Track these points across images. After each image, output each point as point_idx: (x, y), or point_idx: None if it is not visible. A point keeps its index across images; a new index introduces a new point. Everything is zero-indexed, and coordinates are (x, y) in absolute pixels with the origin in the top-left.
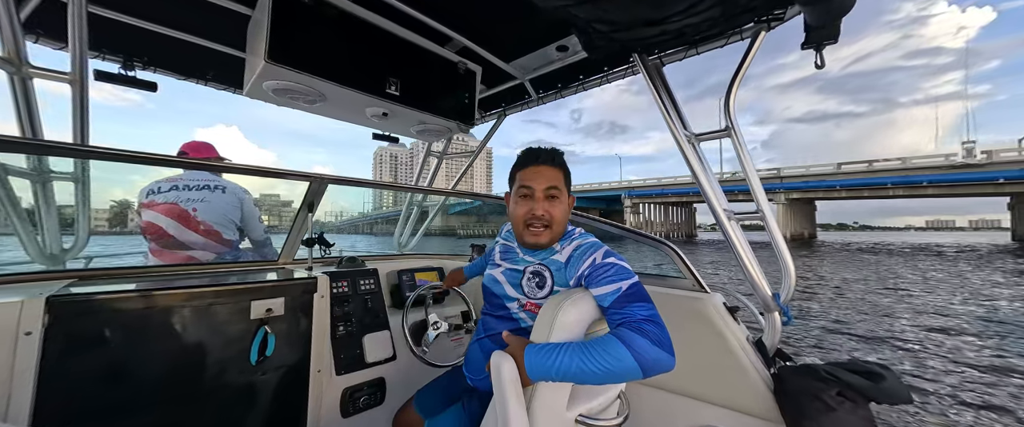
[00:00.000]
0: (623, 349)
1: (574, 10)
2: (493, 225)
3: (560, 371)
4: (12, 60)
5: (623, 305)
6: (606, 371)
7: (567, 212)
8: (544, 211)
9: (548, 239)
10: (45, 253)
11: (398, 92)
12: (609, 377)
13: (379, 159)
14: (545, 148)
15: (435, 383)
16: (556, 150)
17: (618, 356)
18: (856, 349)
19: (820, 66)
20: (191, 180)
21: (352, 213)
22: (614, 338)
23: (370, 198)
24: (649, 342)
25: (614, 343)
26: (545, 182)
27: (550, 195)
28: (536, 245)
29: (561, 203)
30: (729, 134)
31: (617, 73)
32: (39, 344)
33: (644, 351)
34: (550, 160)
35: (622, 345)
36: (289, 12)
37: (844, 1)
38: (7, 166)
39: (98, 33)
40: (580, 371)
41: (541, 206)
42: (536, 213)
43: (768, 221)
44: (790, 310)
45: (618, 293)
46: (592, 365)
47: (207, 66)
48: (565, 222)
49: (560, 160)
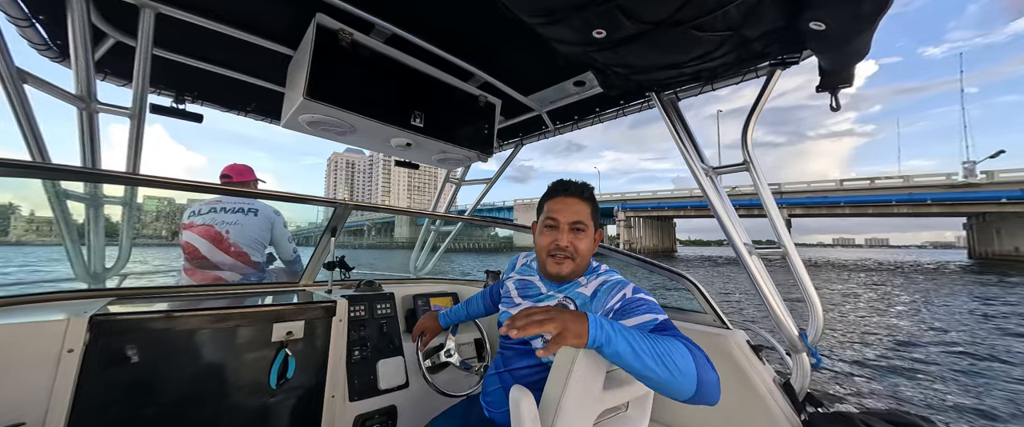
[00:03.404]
0: (687, 353)
1: (594, 55)
2: (474, 239)
3: (624, 342)
4: (83, 97)
5: (664, 331)
6: (669, 365)
7: (592, 246)
8: (568, 243)
9: (570, 270)
10: (90, 271)
11: (422, 124)
12: (668, 373)
13: (334, 166)
14: (575, 181)
15: (452, 411)
16: (586, 184)
17: (681, 355)
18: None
19: (835, 109)
20: (229, 203)
21: (301, 223)
22: (678, 341)
23: (321, 209)
24: (706, 361)
25: (679, 345)
26: (572, 215)
27: (576, 228)
28: (558, 275)
29: (586, 237)
30: (747, 167)
31: (633, 107)
32: (78, 361)
33: (703, 367)
34: (579, 193)
35: (686, 349)
36: (327, 53)
37: (859, 49)
38: (68, 191)
39: (157, 71)
40: (646, 353)
41: (566, 238)
42: (560, 244)
43: (792, 257)
44: (819, 351)
45: (655, 323)
46: (658, 349)
47: (249, 99)
48: (589, 255)
49: (588, 194)
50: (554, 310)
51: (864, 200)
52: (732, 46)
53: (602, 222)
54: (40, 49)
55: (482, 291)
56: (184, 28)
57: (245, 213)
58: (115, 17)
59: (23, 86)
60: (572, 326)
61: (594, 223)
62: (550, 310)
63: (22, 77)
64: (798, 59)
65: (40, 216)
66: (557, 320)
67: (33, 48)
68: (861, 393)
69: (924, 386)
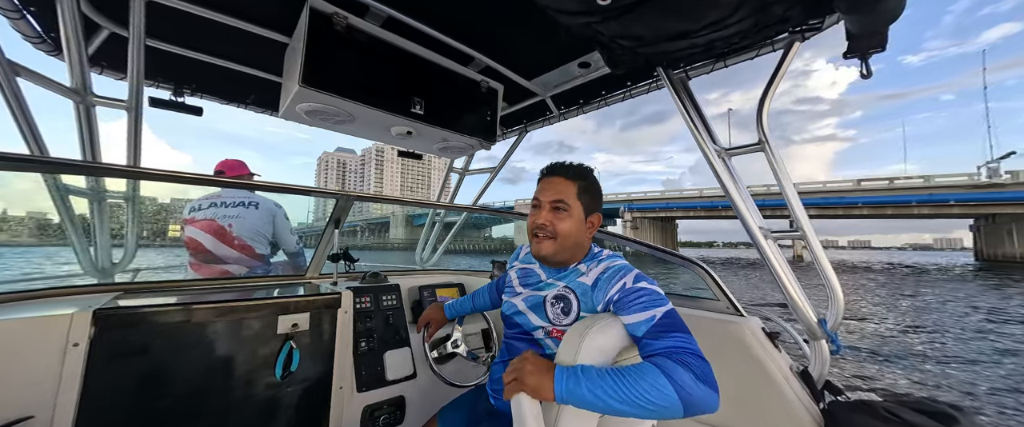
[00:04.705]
0: (664, 380)
1: (598, 27)
2: (471, 240)
3: (592, 394)
4: (79, 90)
5: (659, 335)
6: (643, 403)
7: (579, 227)
8: (546, 221)
9: (551, 250)
10: (97, 266)
11: (422, 111)
12: (645, 411)
13: (324, 165)
14: (564, 162)
15: (460, 400)
16: (573, 164)
17: (658, 387)
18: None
19: (866, 76)
20: (228, 197)
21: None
22: (654, 367)
23: (312, 208)
24: (693, 377)
25: (654, 372)
26: (553, 194)
27: (556, 207)
28: (540, 255)
29: (569, 217)
30: (762, 148)
31: (640, 88)
32: (85, 355)
33: (688, 386)
34: (564, 172)
35: (663, 376)
36: (322, 38)
37: (894, 8)
38: (70, 187)
39: (155, 64)
40: (614, 398)
41: (545, 216)
42: (539, 222)
43: (810, 240)
44: (838, 337)
45: (652, 322)
46: (628, 393)
47: (248, 91)
48: (576, 237)
49: (573, 172)
50: (516, 365)
51: (884, 201)
52: (750, 11)
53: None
54: (34, 42)
55: (489, 284)
56: (178, 17)
57: (246, 206)
58: (106, 7)
59: (15, 79)
60: (531, 381)
61: (583, 204)
62: (513, 367)
63: (15, 70)
64: (820, 27)
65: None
66: (515, 369)
67: (27, 41)
68: (884, 379)
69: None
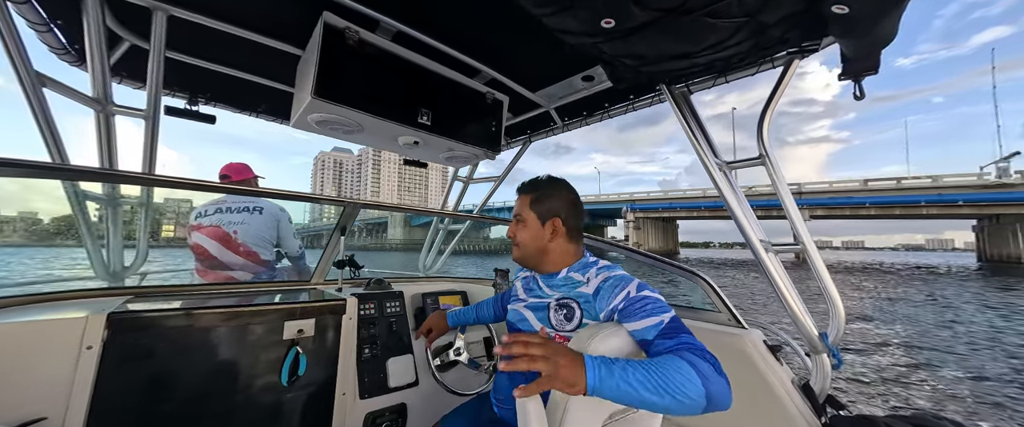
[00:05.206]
0: (690, 369)
1: (602, 46)
2: (471, 241)
3: (625, 383)
4: (100, 99)
5: (670, 336)
6: (673, 391)
7: (536, 233)
8: (511, 233)
9: (517, 255)
10: (109, 270)
11: (429, 122)
12: (675, 401)
13: (320, 165)
14: (525, 181)
15: (463, 409)
16: (529, 181)
17: (686, 377)
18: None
19: (859, 97)
20: (233, 203)
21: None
22: (677, 357)
23: (308, 209)
24: (714, 370)
25: (678, 362)
26: (515, 210)
27: (516, 219)
28: (514, 259)
29: (524, 227)
30: (763, 162)
31: (643, 101)
32: (98, 358)
33: (710, 377)
34: (521, 189)
35: (688, 365)
36: (335, 52)
37: (886, 33)
38: (87, 192)
39: (171, 74)
40: (645, 388)
41: (510, 229)
42: (508, 234)
43: (811, 254)
44: (839, 351)
45: (660, 327)
46: (659, 381)
47: (260, 101)
48: (536, 243)
49: (526, 188)
50: (552, 345)
51: (892, 201)
52: (748, 33)
53: (600, 222)
54: (59, 53)
55: (493, 297)
56: (196, 30)
57: (251, 212)
58: (129, 20)
59: (42, 89)
60: (565, 373)
61: (537, 213)
62: (548, 345)
63: (41, 81)
64: (818, 46)
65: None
66: (550, 361)
67: (52, 52)
68: (885, 396)
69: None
